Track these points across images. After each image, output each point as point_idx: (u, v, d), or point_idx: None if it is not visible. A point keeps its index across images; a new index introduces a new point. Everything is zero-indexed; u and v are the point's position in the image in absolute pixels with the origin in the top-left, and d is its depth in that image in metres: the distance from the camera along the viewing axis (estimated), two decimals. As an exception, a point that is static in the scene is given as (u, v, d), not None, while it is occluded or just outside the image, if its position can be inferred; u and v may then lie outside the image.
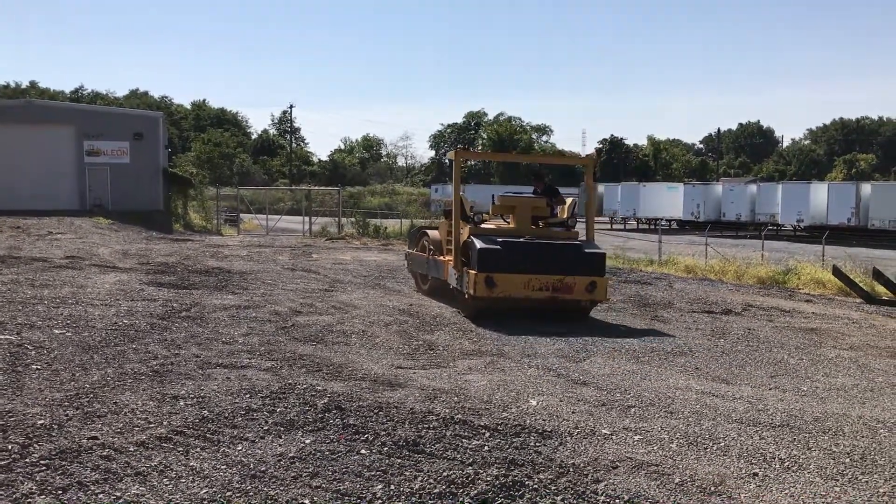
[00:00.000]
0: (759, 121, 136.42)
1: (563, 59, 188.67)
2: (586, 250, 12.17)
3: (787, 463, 5.54)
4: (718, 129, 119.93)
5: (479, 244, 11.78)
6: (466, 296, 11.85)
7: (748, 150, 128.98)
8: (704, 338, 10.89)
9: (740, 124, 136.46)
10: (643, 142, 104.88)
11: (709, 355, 9.62)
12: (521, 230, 12.60)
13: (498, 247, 11.76)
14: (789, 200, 43.16)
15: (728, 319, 12.75)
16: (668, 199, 50.18)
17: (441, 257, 13.54)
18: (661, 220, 50.03)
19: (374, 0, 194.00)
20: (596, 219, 15.83)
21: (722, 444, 5.89)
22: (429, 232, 14.94)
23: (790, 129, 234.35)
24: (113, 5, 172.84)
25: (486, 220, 13.45)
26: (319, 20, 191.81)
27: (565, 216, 13.35)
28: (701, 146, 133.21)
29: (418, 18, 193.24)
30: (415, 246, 15.56)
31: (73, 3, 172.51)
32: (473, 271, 11.58)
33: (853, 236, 36.00)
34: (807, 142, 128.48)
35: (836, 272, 17.16)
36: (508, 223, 13.17)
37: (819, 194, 42.32)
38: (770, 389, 7.93)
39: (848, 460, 5.67)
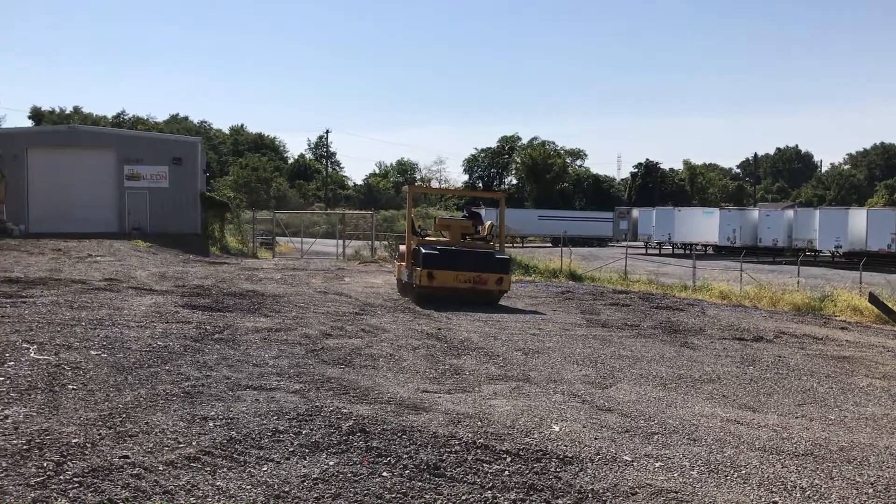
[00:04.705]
0: (797, 145, 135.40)
1: (598, 83, 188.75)
2: (497, 256, 17.48)
3: (808, 492, 5.51)
4: (755, 154, 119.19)
5: (423, 250, 16.89)
6: (414, 286, 16.66)
7: (786, 174, 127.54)
8: (733, 365, 10.83)
9: (778, 149, 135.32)
10: (679, 166, 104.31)
11: (737, 383, 9.58)
12: (453, 242, 18.00)
13: (437, 252, 16.81)
14: (827, 226, 42.58)
15: (759, 347, 12.66)
16: (704, 224, 49.75)
17: (401, 263, 18.40)
18: (697, 245, 49.58)
19: (408, 26, 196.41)
20: (631, 243, 20.98)
21: (743, 471, 5.88)
22: (401, 247, 19.53)
23: (830, 154, 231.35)
24: (155, 33, 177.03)
25: (429, 235, 19.02)
26: (357, 46, 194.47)
27: (485, 233, 19.18)
28: (738, 171, 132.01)
29: (454, 44, 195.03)
30: (395, 257, 21.25)
31: (116, 30, 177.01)
32: (420, 269, 16.52)
33: (892, 263, 35.41)
34: (847, 166, 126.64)
35: (873, 299, 16.93)
36: (445, 237, 18.52)
37: (857, 220, 41.72)
38: (797, 418, 7.88)
39: (871, 490, 5.62)
